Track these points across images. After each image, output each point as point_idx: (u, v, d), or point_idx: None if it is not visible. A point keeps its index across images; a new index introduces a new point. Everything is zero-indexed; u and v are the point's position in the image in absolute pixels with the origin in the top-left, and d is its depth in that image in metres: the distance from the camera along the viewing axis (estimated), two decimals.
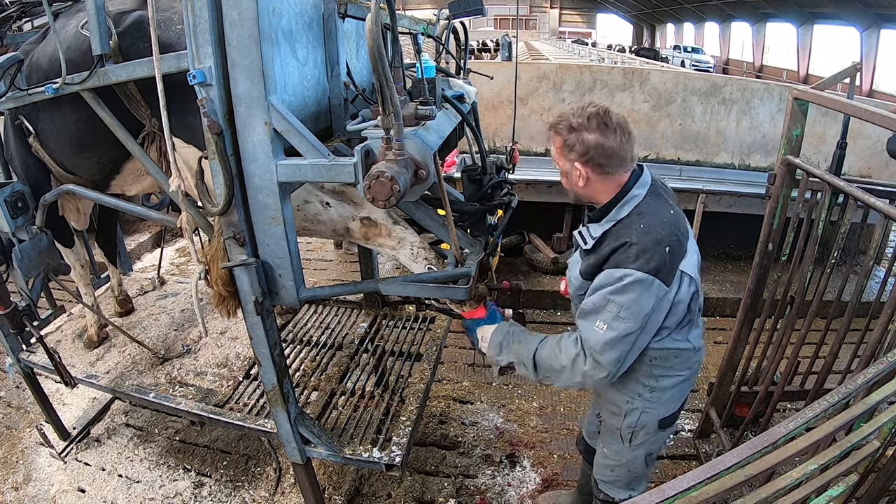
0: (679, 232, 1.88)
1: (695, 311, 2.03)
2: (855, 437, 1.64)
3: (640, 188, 1.93)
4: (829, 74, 2.88)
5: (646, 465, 2.34)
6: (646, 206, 1.92)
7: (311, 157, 1.70)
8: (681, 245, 1.86)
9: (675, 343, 2.02)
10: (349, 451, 2.43)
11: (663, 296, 1.83)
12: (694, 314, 2.03)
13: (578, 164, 1.88)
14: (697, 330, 2.11)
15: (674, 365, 2.07)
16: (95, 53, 2.01)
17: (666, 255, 1.80)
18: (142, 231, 6.80)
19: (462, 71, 2.82)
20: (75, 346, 3.38)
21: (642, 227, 1.85)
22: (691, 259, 1.90)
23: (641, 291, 1.79)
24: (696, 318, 2.09)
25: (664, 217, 1.89)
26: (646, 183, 1.95)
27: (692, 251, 1.93)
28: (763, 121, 5.72)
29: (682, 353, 2.06)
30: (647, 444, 2.26)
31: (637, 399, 2.15)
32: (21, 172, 2.82)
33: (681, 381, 2.13)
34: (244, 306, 2.03)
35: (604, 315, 1.84)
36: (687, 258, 1.88)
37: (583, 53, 24.67)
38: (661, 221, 1.87)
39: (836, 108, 2.57)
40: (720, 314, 5.21)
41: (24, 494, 3.33)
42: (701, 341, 2.13)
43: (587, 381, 1.96)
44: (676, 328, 1.99)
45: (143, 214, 2.62)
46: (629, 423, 2.21)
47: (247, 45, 1.65)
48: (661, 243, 1.81)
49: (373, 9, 1.44)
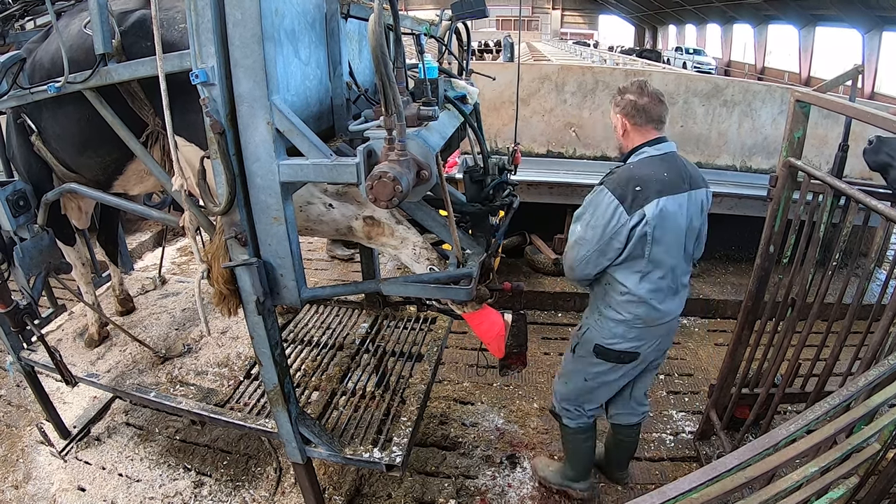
0: (654, 187, 2.30)
1: (646, 258, 2.39)
2: (856, 440, 1.64)
3: (654, 150, 2.41)
4: (831, 77, 2.88)
5: (584, 388, 2.78)
6: (647, 161, 2.39)
7: (313, 157, 1.71)
8: (648, 193, 2.28)
9: (624, 278, 2.45)
10: (350, 451, 2.43)
11: (625, 223, 2.30)
12: (647, 263, 2.40)
13: (619, 115, 2.46)
14: (648, 285, 2.45)
15: (618, 302, 2.50)
16: (98, 52, 2.01)
17: (632, 191, 2.29)
18: (143, 230, 6.80)
19: (464, 71, 2.82)
20: (76, 344, 3.39)
21: (630, 169, 2.38)
22: (665, 211, 2.31)
23: (607, 204, 2.31)
24: (652, 273, 2.44)
25: (652, 171, 2.34)
26: (661, 149, 2.41)
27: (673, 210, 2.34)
28: (765, 123, 5.72)
29: (626, 294, 2.46)
30: (583, 363, 2.72)
31: (590, 317, 2.66)
32: (23, 171, 2.82)
33: (620, 321, 2.52)
34: (245, 306, 2.03)
35: (581, 222, 2.41)
36: (655, 207, 2.29)
37: (585, 55, 24.70)
38: (646, 172, 2.33)
39: (837, 111, 2.57)
40: (721, 316, 5.21)
41: (24, 493, 3.33)
42: (648, 295, 2.46)
43: (568, 272, 2.56)
44: (627, 261, 2.40)
45: (145, 213, 2.62)
46: (578, 334, 2.73)
47: (249, 44, 1.65)
48: (631, 181, 2.30)
49: (376, 9, 1.45)
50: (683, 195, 2.37)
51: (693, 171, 2.47)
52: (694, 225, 2.47)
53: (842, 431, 1.55)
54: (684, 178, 2.39)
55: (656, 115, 2.42)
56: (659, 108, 2.42)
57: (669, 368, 4.41)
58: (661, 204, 2.29)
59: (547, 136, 6.08)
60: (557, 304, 5.28)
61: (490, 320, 2.32)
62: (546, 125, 6.06)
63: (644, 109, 2.40)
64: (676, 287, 2.55)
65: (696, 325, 5.10)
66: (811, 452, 1.53)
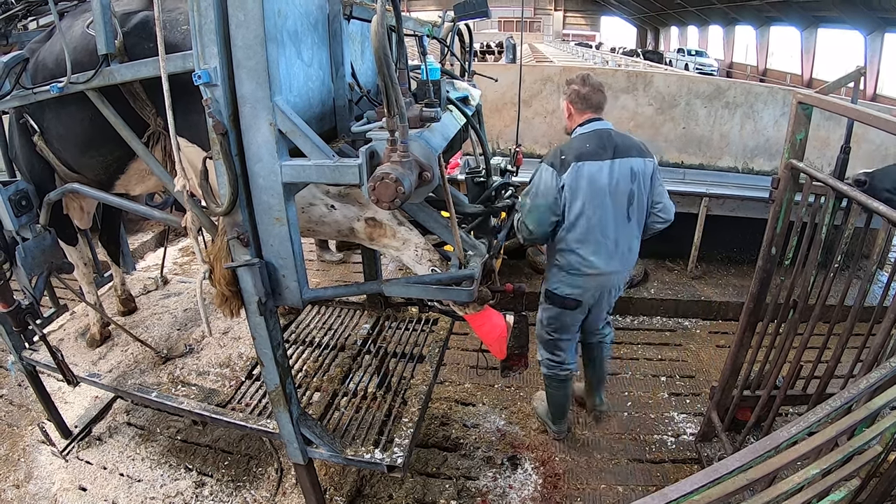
0: (574, 154, 2.82)
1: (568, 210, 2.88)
2: (857, 442, 1.64)
3: (584, 129, 2.94)
4: (833, 78, 2.88)
5: (544, 334, 3.33)
6: (577, 137, 2.93)
7: (315, 157, 1.71)
8: (569, 160, 2.81)
9: (562, 234, 2.95)
10: (351, 451, 2.43)
11: (558, 183, 2.82)
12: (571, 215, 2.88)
13: (566, 101, 3.02)
14: (575, 234, 2.92)
15: (556, 251, 3.03)
16: (101, 53, 2.01)
17: (559, 160, 2.83)
18: (145, 230, 6.81)
19: (466, 73, 2.83)
20: (78, 344, 3.39)
21: (560, 145, 2.92)
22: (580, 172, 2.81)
23: (547, 173, 2.84)
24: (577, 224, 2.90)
25: (577, 145, 2.87)
26: (590, 127, 2.93)
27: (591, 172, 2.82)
28: (767, 124, 5.72)
29: (560, 243, 2.98)
30: (541, 310, 3.31)
31: (547, 271, 3.20)
32: (25, 171, 2.83)
33: (559, 267, 3.05)
34: (247, 306, 2.03)
35: (530, 195, 2.89)
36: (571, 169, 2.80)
37: (586, 56, 24.69)
38: (572, 146, 2.87)
39: (839, 113, 2.56)
40: (723, 318, 5.20)
41: (25, 492, 3.33)
42: (576, 245, 2.94)
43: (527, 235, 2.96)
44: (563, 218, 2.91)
45: (147, 214, 2.62)
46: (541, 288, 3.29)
47: (252, 45, 1.65)
48: (559, 153, 2.85)
49: (378, 11, 1.45)
50: (605, 162, 2.83)
51: (623, 142, 2.91)
52: (622, 188, 2.88)
53: (843, 434, 1.55)
54: (607, 148, 2.85)
55: (595, 102, 2.95)
56: (597, 96, 2.95)
57: (671, 370, 4.41)
58: (577, 167, 2.79)
59: (549, 138, 6.09)
60: None
61: (492, 322, 2.32)
62: (548, 126, 6.07)
63: (584, 97, 2.93)
64: (614, 247, 2.97)
65: (697, 327, 5.10)
66: (813, 454, 1.53)
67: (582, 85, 2.92)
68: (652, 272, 5.66)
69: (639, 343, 4.82)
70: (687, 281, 5.56)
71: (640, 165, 2.91)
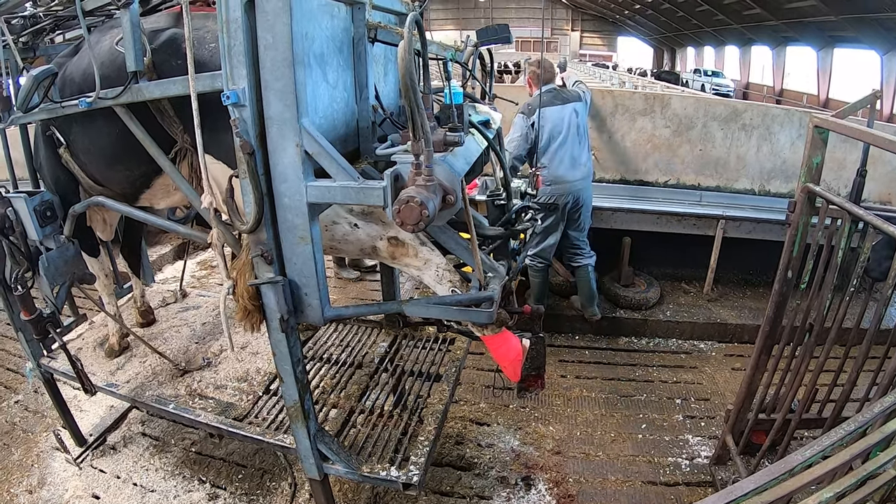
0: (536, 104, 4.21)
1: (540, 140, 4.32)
2: (871, 466, 1.63)
3: (540, 92, 4.29)
4: (849, 99, 2.88)
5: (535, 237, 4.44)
6: (535, 97, 4.31)
7: (341, 179, 1.74)
8: (534, 108, 4.21)
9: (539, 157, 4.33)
10: (367, 468, 2.43)
11: (528, 123, 4.29)
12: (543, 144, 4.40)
13: (528, 78, 4.62)
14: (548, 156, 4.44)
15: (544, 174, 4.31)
16: (130, 70, 2.05)
17: (527, 109, 4.34)
18: (164, 243, 6.88)
19: (487, 96, 2.86)
20: (96, 354, 3.43)
21: (528, 102, 4.43)
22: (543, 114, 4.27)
23: (521, 118, 4.35)
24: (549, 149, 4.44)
25: (535, 101, 4.27)
26: (547, 90, 4.39)
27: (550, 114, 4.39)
28: (783, 146, 5.69)
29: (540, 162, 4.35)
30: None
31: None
32: (50, 182, 2.88)
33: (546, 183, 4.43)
34: (269, 323, 2.06)
35: (511, 135, 4.34)
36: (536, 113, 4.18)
37: (603, 77, 24.74)
38: (534, 100, 4.31)
39: (855, 137, 2.56)
40: (738, 340, 5.15)
41: (38, 498, 3.36)
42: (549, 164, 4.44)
43: (512, 161, 4.12)
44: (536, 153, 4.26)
45: (172, 229, 2.66)
46: None
47: (280, 68, 1.69)
48: (527, 105, 4.38)
49: (406, 37, 1.48)
50: (556, 106, 4.42)
51: (567, 95, 4.54)
52: (571, 122, 4.43)
53: (857, 457, 1.55)
54: (557, 99, 4.44)
55: (546, 79, 4.45)
56: (549, 74, 4.47)
57: (686, 393, 4.38)
58: (542, 111, 4.21)
59: None
60: (575, 327, 5.26)
61: (508, 344, 2.32)
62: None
63: (539, 76, 4.44)
64: (575, 162, 4.48)
65: (713, 349, 5.06)
66: (827, 478, 1.52)
67: (537, 67, 4.46)
68: (668, 294, 5.63)
69: (654, 365, 4.79)
70: (703, 303, 5.52)
71: (581, 107, 4.53)
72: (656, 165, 5.92)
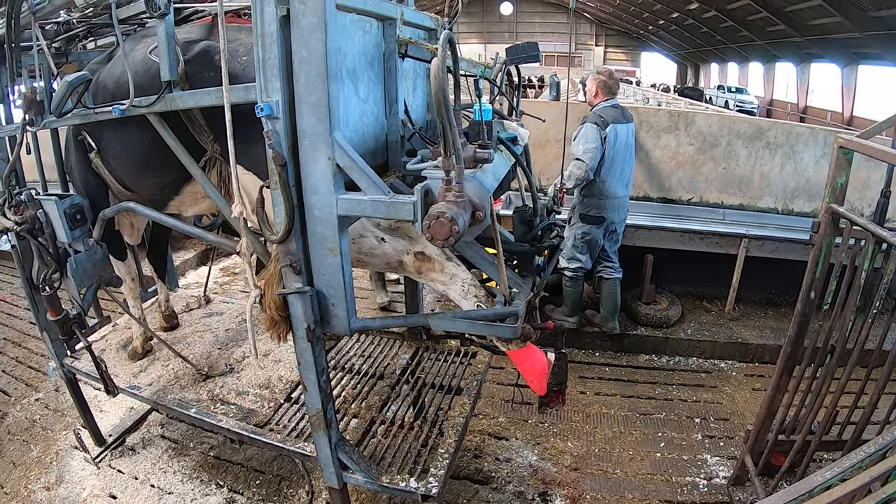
0: (610, 118, 4.48)
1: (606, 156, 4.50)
2: (891, 489, 1.60)
3: (606, 104, 4.61)
4: (874, 116, 2.88)
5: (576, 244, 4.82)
6: (606, 108, 4.58)
7: (371, 193, 1.75)
8: (607, 121, 4.46)
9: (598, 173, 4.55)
10: (386, 479, 2.43)
11: (602, 135, 4.43)
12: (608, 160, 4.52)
13: (596, 86, 4.66)
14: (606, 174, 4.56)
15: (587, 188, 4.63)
16: (164, 79, 2.09)
17: (600, 119, 4.47)
18: (187, 248, 6.97)
19: (514, 112, 2.87)
20: (119, 356, 3.47)
21: (596, 112, 4.57)
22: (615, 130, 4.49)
23: (593, 129, 4.45)
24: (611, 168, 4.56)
25: (608, 113, 4.53)
26: (612, 104, 4.63)
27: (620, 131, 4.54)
28: (807, 165, 5.66)
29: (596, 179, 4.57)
30: (575, 228, 4.81)
31: (579, 204, 4.79)
32: (80, 186, 2.93)
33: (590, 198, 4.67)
34: (295, 332, 2.07)
35: (581, 145, 4.47)
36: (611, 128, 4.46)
37: (628, 93, 24.71)
38: (606, 113, 4.53)
39: (880, 158, 2.55)
40: (759, 360, 5.08)
41: (56, 495, 3.41)
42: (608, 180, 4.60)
43: (584, 175, 4.44)
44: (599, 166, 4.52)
45: (201, 236, 2.69)
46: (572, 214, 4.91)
47: (314, 82, 1.71)
48: (599, 116, 4.50)
49: (440, 55, 1.50)
50: (623, 124, 4.54)
51: (626, 114, 4.71)
52: (629, 141, 4.65)
53: (877, 480, 1.53)
54: (623, 116, 4.61)
55: (614, 91, 4.68)
56: (616, 87, 4.71)
57: (706, 412, 4.34)
58: (612, 126, 4.46)
59: None
60: (595, 343, 5.24)
61: (534, 358, 2.32)
62: None
63: (608, 86, 4.64)
64: (626, 182, 4.73)
65: (733, 369, 5.00)
66: (846, 500, 1.51)
67: (609, 78, 4.66)
68: (689, 313, 5.59)
69: (674, 384, 4.74)
70: (724, 322, 5.47)
71: (633, 127, 4.74)
72: (680, 183, 5.90)
